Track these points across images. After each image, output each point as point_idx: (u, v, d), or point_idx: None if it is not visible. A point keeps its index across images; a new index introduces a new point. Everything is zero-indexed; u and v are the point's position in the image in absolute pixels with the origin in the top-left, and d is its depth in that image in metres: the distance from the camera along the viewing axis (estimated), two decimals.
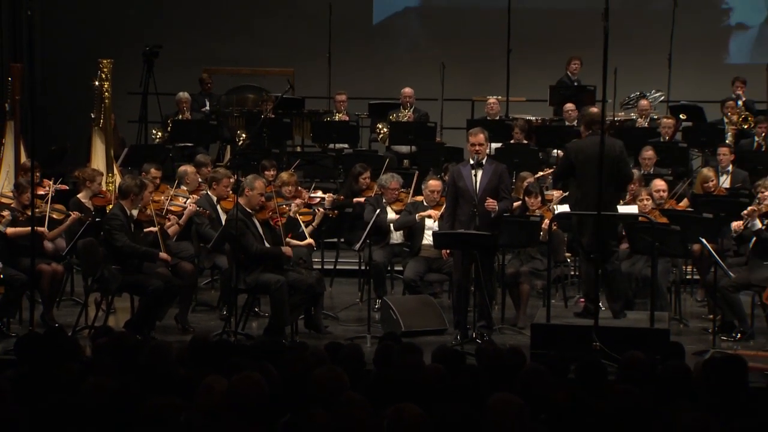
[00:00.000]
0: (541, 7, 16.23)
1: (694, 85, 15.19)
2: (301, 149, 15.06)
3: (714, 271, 9.76)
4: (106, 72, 12.81)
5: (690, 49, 15.25)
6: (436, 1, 17.42)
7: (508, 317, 10.47)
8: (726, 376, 6.16)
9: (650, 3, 16.31)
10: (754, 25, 16.89)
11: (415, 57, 16.87)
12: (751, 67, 15.44)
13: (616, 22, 9.40)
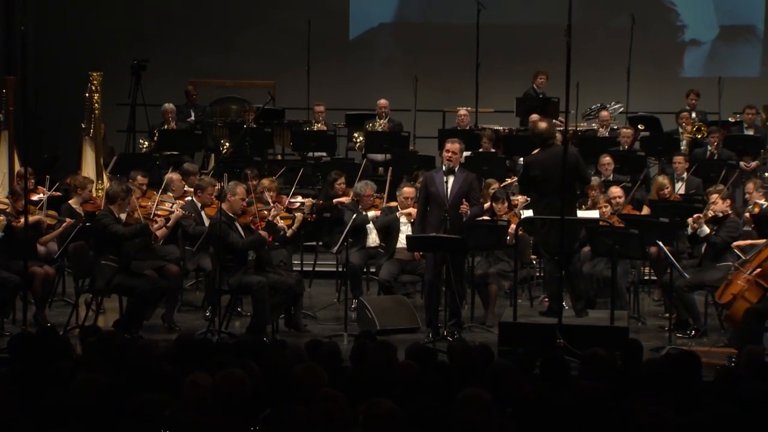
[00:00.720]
0: (507, 23, 16.25)
1: (651, 97, 15.26)
2: (281, 157, 15.03)
3: (670, 272, 9.80)
4: (96, 84, 12.77)
5: (647, 64, 15.31)
6: (408, 17, 17.41)
7: (477, 316, 10.47)
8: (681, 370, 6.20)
9: (610, 20, 16.35)
10: (706, 41, 16.97)
11: (389, 70, 16.88)
12: (704, 81, 15.51)
13: (578, 38, 9.43)
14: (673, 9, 16.87)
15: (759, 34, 16.85)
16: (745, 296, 9.26)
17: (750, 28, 16.87)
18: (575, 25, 9.12)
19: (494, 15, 15.11)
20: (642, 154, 13.60)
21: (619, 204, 10.96)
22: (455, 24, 16.15)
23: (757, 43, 16.90)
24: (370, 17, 17.41)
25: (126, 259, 9.66)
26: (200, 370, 5.46)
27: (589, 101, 14.63)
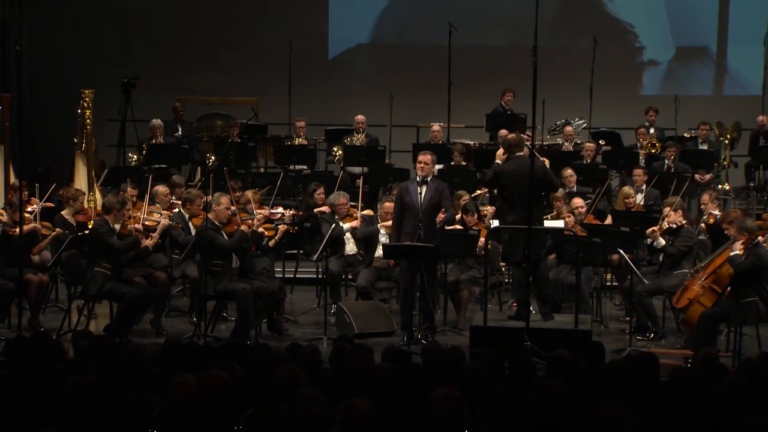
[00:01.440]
0: (477, 44, 16.29)
1: (611, 114, 15.30)
2: (264, 170, 15.01)
3: (630, 279, 9.83)
4: (88, 101, 12.74)
5: (608, 83, 15.36)
6: (384, 38, 17.43)
7: (450, 320, 10.47)
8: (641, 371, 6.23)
9: (574, 41, 16.42)
10: (663, 61, 17.06)
11: (366, 88, 16.90)
12: (661, 98, 15.59)
13: (544, 59, 9.47)
14: (632, 31, 16.96)
15: (712, 55, 16.97)
16: (701, 301, 9.31)
17: (704, 49, 16.97)
18: (541, 46, 9.18)
19: (465, 36, 15.16)
20: (603, 167, 13.64)
21: (581, 214, 11.00)
22: (428, 44, 16.18)
23: (711, 63, 17.02)
24: (348, 38, 17.42)
25: (118, 267, 9.63)
26: (187, 372, 5.45)
27: (554, 117, 14.66)
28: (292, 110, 15.29)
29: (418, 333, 9.61)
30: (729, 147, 14.48)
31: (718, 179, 13.97)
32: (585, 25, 16.23)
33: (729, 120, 14.72)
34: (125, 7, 16.91)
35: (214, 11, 16.94)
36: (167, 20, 16.90)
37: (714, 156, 14.13)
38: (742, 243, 9.12)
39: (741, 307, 9.00)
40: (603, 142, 14.35)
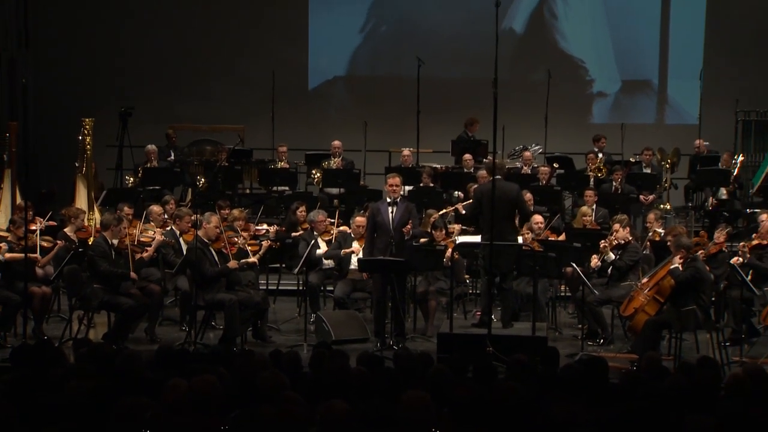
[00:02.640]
0: (443, 76, 16.32)
1: (565, 140, 15.35)
2: (250, 191, 14.97)
3: (582, 290, 9.86)
4: (88, 128, 12.68)
5: (561, 112, 15.46)
6: (359, 71, 17.45)
7: (419, 328, 10.45)
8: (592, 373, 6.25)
9: (530, 74, 16.49)
10: (611, 93, 17.15)
11: (342, 116, 16.91)
12: (609, 126, 15.67)
13: (503, 90, 9.52)
14: (582, 66, 17.06)
15: (655, 87, 17.10)
16: (645, 310, 9.34)
17: (647, 82, 17.10)
18: (501, 79, 9.23)
19: (432, 69, 15.19)
20: (557, 188, 13.70)
21: (540, 229, 11.03)
22: (399, 77, 16.22)
23: (653, 94, 17.15)
24: (326, 71, 17.44)
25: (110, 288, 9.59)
26: (178, 376, 5.42)
27: (513, 143, 14.71)
28: (275, 136, 15.28)
29: (390, 340, 9.60)
30: (670, 170, 14.58)
31: (660, 200, 14.05)
32: (540, 61, 16.30)
33: (669, 146, 14.82)
34: (122, 43, 16.85)
35: (203, 46, 16.91)
36: (160, 55, 16.86)
37: (656, 178, 14.22)
38: (680, 258, 9.19)
39: (681, 315, 9.04)
40: (557, 165, 14.39)
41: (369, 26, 17.27)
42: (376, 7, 17.18)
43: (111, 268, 9.51)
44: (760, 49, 16.28)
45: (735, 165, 13.86)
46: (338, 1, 17.12)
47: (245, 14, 16.92)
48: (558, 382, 6.08)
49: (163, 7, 16.82)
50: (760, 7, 16.25)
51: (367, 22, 17.25)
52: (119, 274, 9.58)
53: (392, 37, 17.10)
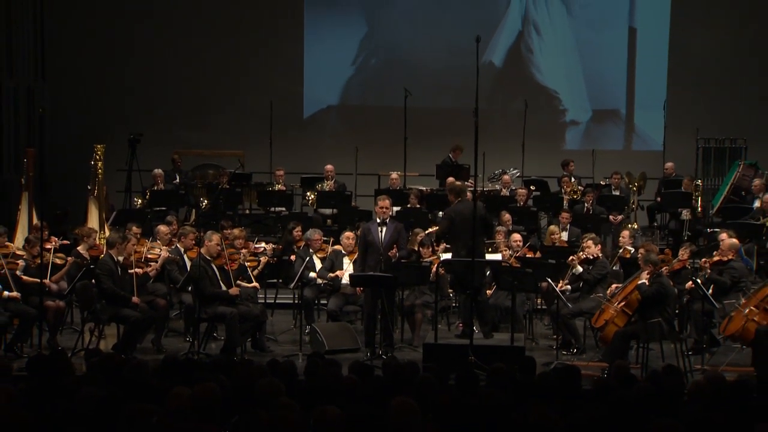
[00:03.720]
0: (428, 106, 16.33)
1: (540, 164, 15.36)
2: (249, 212, 14.96)
3: (556, 303, 9.88)
4: (100, 154, 12.65)
5: (537, 139, 15.47)
6: (351, 100, 17.48)
7: (406, 338, 10.44)
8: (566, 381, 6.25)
9: (508, 104, 16.55)
10: (582, 121, 17.20)
11: (335, 142, 16.90)
12: (581, 152, 15.75)
13: (484, 118, 9.57)
14: (556, 96, 17.13)
15: (622, 116, 17.17)
16: (615, 322, 9.36)
17: (616, 111, 17.16)
18: (481, 108, 9.27)
19: (418, 100, 15.21)
20: (534, 209, 13.73)
21: (518, 247, 11.04)
22: (387, 106, 16.24)
23: (621, 123, 17.21)
24: (320, 100, 17.47)
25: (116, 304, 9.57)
26: (182, 384, 5.39)
27: (492, 167, 14.71)
28: (273, 161, 15.28)
29: (379, 350, 9.58)
30: (636, 193, 14.64)
31: (627, 220, 14.09)
32: (517, 92, 16.36)
33: (636, 170, 14.89)
34: (131, 75, 16.85)
35: (206, 78, 16.92)
36: (167, 86, 16.87)
37: (624, 200, 14.26)
38: (647, 273, 9.22)
39: (648, 326, 9.06)
40: (533, 188, 14.43)
41: (360, 59, 17.31)
42: (366, 42, 17.23)
43: (114, 287, 9.49)
44: (719, 82, 16.40)
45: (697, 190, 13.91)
46: (331, 35, 17.16)
47: (245, 49, 16.95)
48: (534, 389, 6.08)
49: (169, 43, 16.84)
50: (718, 44, 16.38)
51: (358, 55, 17.30)
52: (120, 295, 9.54)
53: (381, 70, 17.14)
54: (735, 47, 16.34)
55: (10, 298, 9.49)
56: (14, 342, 9.55)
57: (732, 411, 5.50)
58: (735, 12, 16.29)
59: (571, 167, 14.78)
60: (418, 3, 16.95)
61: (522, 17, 16.95)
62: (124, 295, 9.55)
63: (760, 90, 16.26)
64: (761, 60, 16.31)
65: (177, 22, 16.81)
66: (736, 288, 9.70)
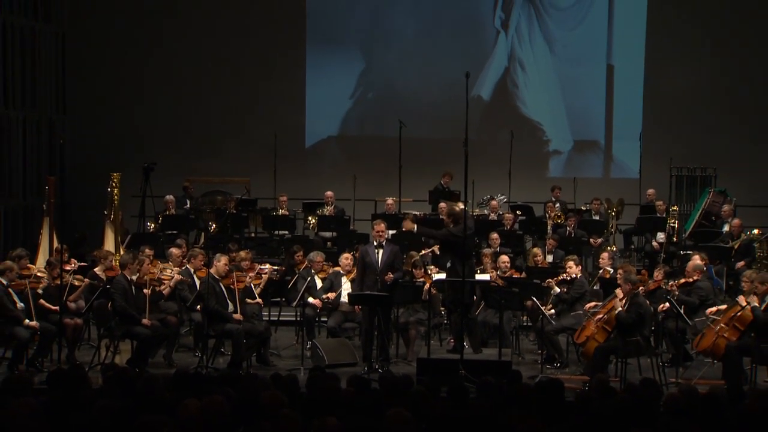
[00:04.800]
0: (421, 136, 16.36)
1: (526, 191, 15.40)
2: (254, 235, 14.97)
3: (541, 320, 9.88)
4: (116, 182, 12.70)
5: (523, 167, 15.51)
6: (349, 131, 17.51)
7: (401, 353, 10.42)
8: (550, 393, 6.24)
9: (496, 135, 16.53)
10: (564, 151, 17.21)
11: (335, 170, 16.92)
12: (563, 179, 15.77)
13: (473, 148, 9.59)
14: (540, 128, 17.17)
15: (602, 146, 17.20)
16: (596, 338, 9.36)
17: (596, 142, 17.19)
18: (470, 138, 9.31)
19: (412, 130, 15.27)
20: (520, 232, 13.75)
21: (506, 268, 11.05)
22: (383, 136, 16.28)
23: (600, 153, 17.24)
24: (321, 131, 17.50)
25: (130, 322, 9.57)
26: (192, 396, 5.39)
27: (481, 193, 14.73)
28: (277, 188, 15.31)
29: (376, 364, 9.56)
30: (615, 217, 14.66)
31: (606, 242, 14.11)
32: (505, 123, 16.38)
33: (615, 197, 14.91)
34: (145, 109, 16.91)
35: (215, 110, 16.98)
36: (178, 119, 16.93)
37: (604, 224, 14.29)
38: (623, 292, 9.24)
39: (626, 343, 9.06)
40: (519, 213, 14.45)
41: (358, 93, 17.37)
42: (364, 77, 17.31)
43: (126, 306, 9.48)
44: (690, 115, 16.48)
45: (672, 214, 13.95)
46: (331, 71, 17.23)
47: (251, 83, 17.02)
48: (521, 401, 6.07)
49: (179, 78, 16.91)
50: (689, 80, 16.47)
51: (356, 89, 17.36)
52: (131, 314, 9.52)
53: (378, 103, 17.20)
54: (705, 83, 16.45)
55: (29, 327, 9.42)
56: (35, 357, 9.53)
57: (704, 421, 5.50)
58: (705, 50, 16.41)
59: (557, 192, 14.85)
60: (412, 41, 17.04)
61: (508, 55, 17.04)
62: (134, 315, 9.53)
63: (729, 122, 16.36)
64: (730, 94, 16.41)
65: (186, 58, 16.88)
66: (704, 306, 9.73)
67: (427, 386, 6.33)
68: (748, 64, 16.34)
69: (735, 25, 16.29)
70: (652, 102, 16.61)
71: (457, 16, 16.92)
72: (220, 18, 16.92)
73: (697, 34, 16.40)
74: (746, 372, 9.04)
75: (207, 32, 16.85)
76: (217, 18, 16.89)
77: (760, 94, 16.38)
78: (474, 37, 16.92)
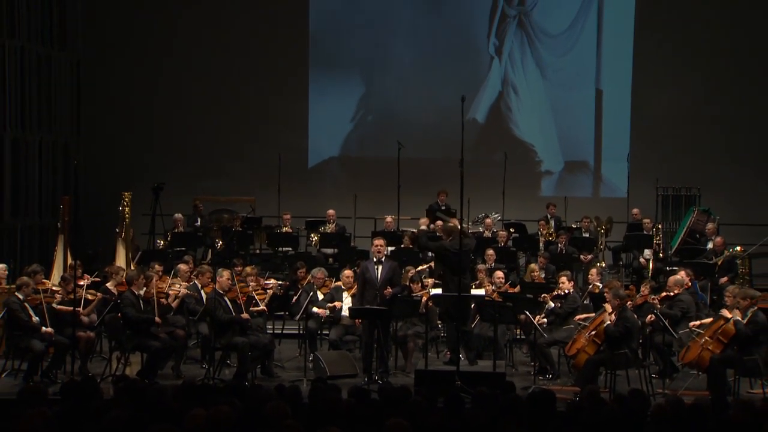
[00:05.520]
0: (419, 156, 16.35)
1: (519, 209, 15.38)
2: (259, 251, 14.99)
3: (534, 333, 9.88)
4: (127, 201, 12.73)
5: (516, 186, 15.52)
6: (350, 152, 17.53)
7: (399, 365, 10.42)
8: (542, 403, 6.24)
9: (490, 155, 16.54)
10: (556, 171, 17.23)
11: (336, 189, 16.95)
12: (554, 198, 15.75)
13: (468, 168, 9.59)
14: (532, 149, 17.22)
15: (591, 167, 17.22)
16: (586, 350, 9.36)
17: (585, 162, 17.22)
18: (466, 159, 9.33)
19: (410, 151, 15.29)
20: (513, 249, 13.76)
21: (501, 283, 11.05)
22: (383, 157, 16.31)
23: (590, 173, 17.26)
24: (323, 152, 17.54)
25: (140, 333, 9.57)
26: (199, 407, 5.38)
27: (476, 211, 14.74)
28: (281, 206, 15.33)
29: (375, 375, 9.56)
30: (604, 235, 14.69)
31: (596, 259, 14.13)
32: (498, 145, 16.43)
33: (604, 215, 14.93)
34: (155, 131, 16.98)
35: (221, 132, 17.03)
36: (187, 140, 16.97)
37: (593, 242, 14.31)
38: (612, 307, 9.25)
39: (615, 355, 9.06)
40: (513, 230, 14.47)
41: (358, 116, 17.43)
42: (364, 101, 17.37)
43: (137, 314, 9.50)
44: (675, 137, 16.53)
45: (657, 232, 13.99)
46: (333, 95, 17.30)
47: (256, 106, 17.09)
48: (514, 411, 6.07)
49: (187, 102, 16.98)
50: (674, 103, 16.55)
51: (356, 112, 17.42)
52: (144, 319, 9.55)
53: (377, 125, 17.25)
54: (690, 106, 16.53)
55: (45, 333, 9.46)
56: (50, 369, 9.53)
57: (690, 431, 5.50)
58: (688, 75, 16.49)
59: (552, 209, 14.90)
60: (410, 66, 17.12)
61: (502, 80, 17.11)
62: (147, 318, 9.54)
63: (713, 144, 16.43)
64: (713, 117, 16.48)
65: (194, 83, 16.94)
66: (685, 318, 9.75)
67: (425, 397, 6.33)
68: (730, 88, 16.43)
69: (717, 51, 16.39)
70: (639, 125, 16.67)
71: (453, 43, 17.02)
72: (226, 44, 17.00)
73: (680, 60, 16.50)
74: (730, 383, 9.05)
75: (213, 58, 16.93)
76: (224, 44, 16.97)
77: (742, 117, 16.45)
78: (469, 63, 17.01)
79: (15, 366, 9.72)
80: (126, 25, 16.95)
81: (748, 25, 16.35)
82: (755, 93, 16.40)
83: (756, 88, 16.40)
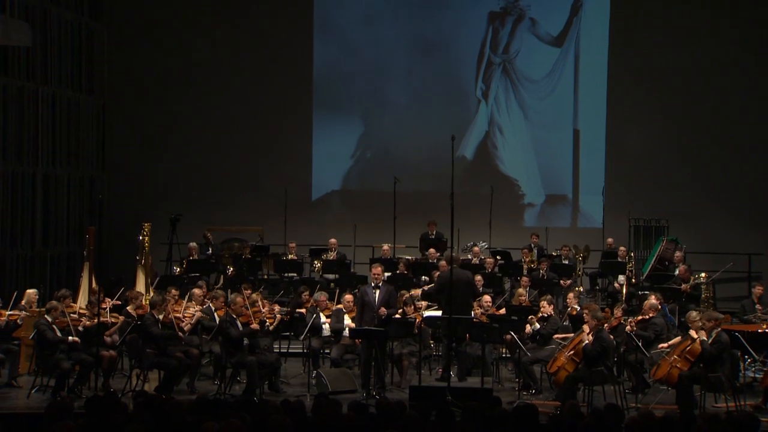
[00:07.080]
0: (413, 190, 16.36)
1: (505, 238, 15.41)
2: (267, 277, 14.98)
3: (518, 352, 9.87)
4: (146, 230, 12.72)
5: (501, 217, 15.58)
6: (350, 186, 17.55)
7: (395, 381, 10.37)
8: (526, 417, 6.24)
9: (478, 188, 16.50)
10: (537, 203, 17.26)
11: (337, 220, 16.93)
12: (536, 228, 15.81)
13: (458, 200, 9.65)
14: (516, 183, 17.28)
15: (570, 200, 17.26)
16: (566, 368, 9.36)
17: (564, 196, 17.26)
18: (456, 192, 9.39)
19: (405, 185, 15.26)
20: (499, 275, 13.77)
21: (489, 306, 11.05)
22: (380, 191, 16.35)
23: (569, 205, 17.31)
24: (325, 186, 17.57)
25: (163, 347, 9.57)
26: (211, 420, 5.39)
27: (465, 240, 14.80)
28: (287, 235, 15.34)
29: (373, 391, 9.54)
30: (582, 262, 14.73)
31: (574, 284, 14.15)
32: (486, 179, 16.45)
33: (582, 243, 14.99)
34: (172, 168, 17.02)
35: (232, 168, 17.05)
36: (200, 176, 17.00)
37: (572, 268, 14.33)
38: (589, 327, 9.27)
39: (592, 372, 9.07)
40: (499, 258, 14.49)
41: (358, 153, 17.51)
42: (363, 139, 17.46)
43: (161, 331, 9.55)
44: (646, 172, 16.65)
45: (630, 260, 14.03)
46: (335, 134, 17.38)
47: (264, 144, 17.16)
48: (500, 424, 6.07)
49: (201, 140, 17.05)
50: (646, 142, 16.67)
51: (356, 149, 17.50)
52: (167, 335, 9.57)
53: (375, 161, 17.32)
54: (660, 144, 16.66)
55: (73, 342, 9.49)
56: (75, 385, 9.52)
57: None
58: (659, 115, 16.64)
59: (534, 239, 14.95)
60: (405, 108, 17.25)
61: (488, 120, 17.25)
62: (170, 334, 9.55)
63: (681, 179, 16.53)
64: (682, 155, 16.60)
65: (207, 123, 17.02)
66: (658, 340, 9.77)
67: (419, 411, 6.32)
68: (697, 128, 16.57)
69: (687, 92, 16.55)
70: (613, 161, 16.78)
71: (444, 87, 17.18)
72: (237, 88, 17.14)
73: (650, 102, 16.65)
74: (696, 398, 9.04)
75: (224, 98, 17.03)
76: (233, 85, 17.11)
77: (707, 155, 16.58)
78: (459, 106, 17.15)
79: (44, 382, 9.70)
80: (146, 73, 17.14)
81: (714, 70, 16.51)
82: (719, 132, 16.54)
83: (719, 127, 16.54)
